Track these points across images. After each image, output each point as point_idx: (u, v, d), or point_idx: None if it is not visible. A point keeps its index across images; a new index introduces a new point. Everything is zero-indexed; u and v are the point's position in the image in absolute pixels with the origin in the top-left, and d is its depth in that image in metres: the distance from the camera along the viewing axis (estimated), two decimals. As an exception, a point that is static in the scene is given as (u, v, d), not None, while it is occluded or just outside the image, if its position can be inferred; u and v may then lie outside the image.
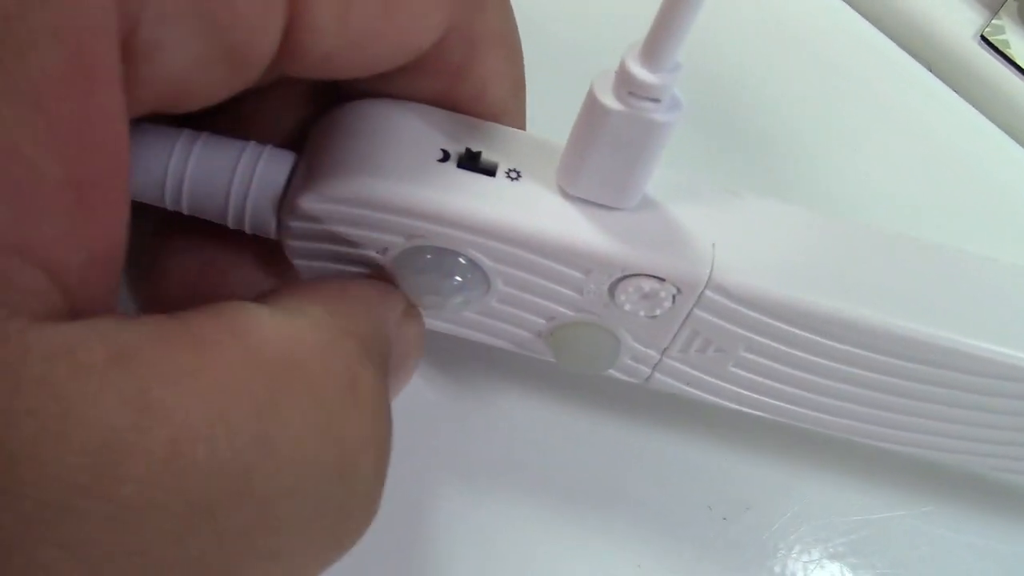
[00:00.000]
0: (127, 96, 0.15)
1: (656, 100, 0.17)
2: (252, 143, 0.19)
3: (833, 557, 0.26)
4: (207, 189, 0.19)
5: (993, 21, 0.36)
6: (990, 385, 0.21)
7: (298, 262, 0.20)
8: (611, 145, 0.18)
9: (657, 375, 0.22)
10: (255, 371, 0.14)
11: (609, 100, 0.17)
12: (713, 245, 0.19)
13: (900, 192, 0.33)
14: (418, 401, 0.25)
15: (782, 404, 0.22)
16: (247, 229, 0.20)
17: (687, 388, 0.22)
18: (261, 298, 0.16)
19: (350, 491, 0.16)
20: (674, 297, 0.19)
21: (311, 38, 0.17)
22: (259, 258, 0.22)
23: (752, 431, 0.27)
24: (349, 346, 0.16)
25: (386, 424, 0.17)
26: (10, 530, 0.12)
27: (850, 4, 0.37)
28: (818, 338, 0.20)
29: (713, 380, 0.22)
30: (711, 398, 0.22)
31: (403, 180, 0.19)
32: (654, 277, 0.19)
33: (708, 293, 0.19)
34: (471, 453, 0.25)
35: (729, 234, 0.20)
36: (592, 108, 0.17)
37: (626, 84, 0.17)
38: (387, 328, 0.19)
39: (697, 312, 0.20)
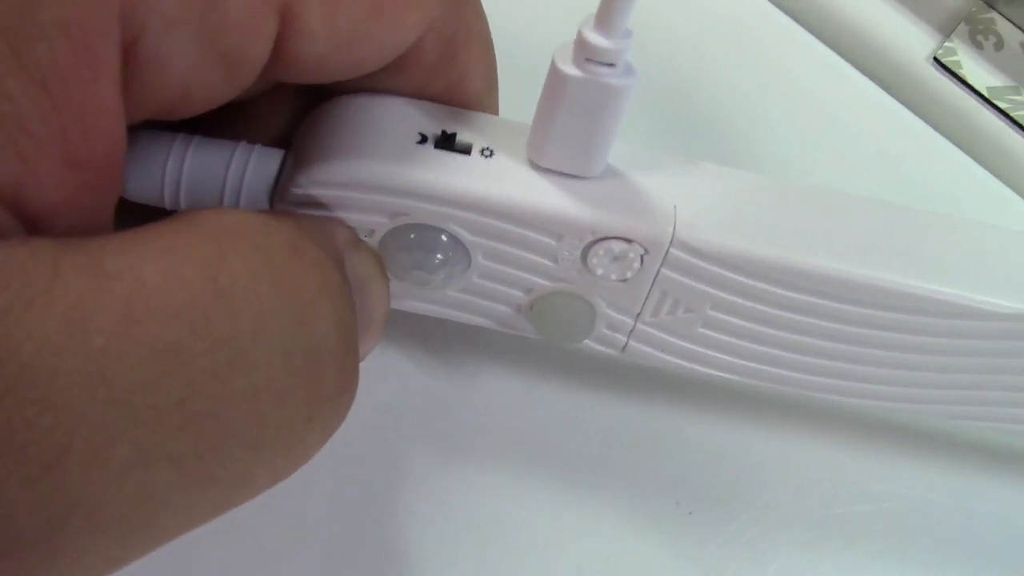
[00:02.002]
0: (132, 100, 0.16)
1: (612, 64, 0.18)
2: (243, 143, 0.20)
3: (799, 547, 0.26)
4: (203, 187, 0.20)
5: (945, 44, 0.37)
6: (948, 327, 0.22)
7: None
8: (573, 112, 0.19)
9: (632, 343, 0.23)
10: (202, 237, 0.15)
11: (569, 68, 0.18)
12: (675, 207, 0.20)
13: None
14: (412, 384, 0.26)
15: (752, 364, 0.23)
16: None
17: (661, 355, 0.23)
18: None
19: (316, 343, 0.16)
20: (642, 258, 0.20)
21: (301, 42, 0.18)
22: None
23: (717, 425, 0.27)
24: (288, 225, 0.17)
25: (340, 293, 0.17)
26: None
27: (809, 30, 0.38)
28: (778, 289, 0.21)
29: (685, 344, 0.22)
30: (685, 364, 0.23)
31: (385, 161, 0.20)
32: (622, 239, 0.20)
33: (673, 251, 0.20)
34: (455, 432, 0.26)
35: (689, 196, 0.21)
36: (554, 78, 0.18)
37: (583, 51, 0.18)
38: (333, 238, 0.19)
39: (664, 272, 0.21)
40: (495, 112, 0.23)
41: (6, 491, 0.13)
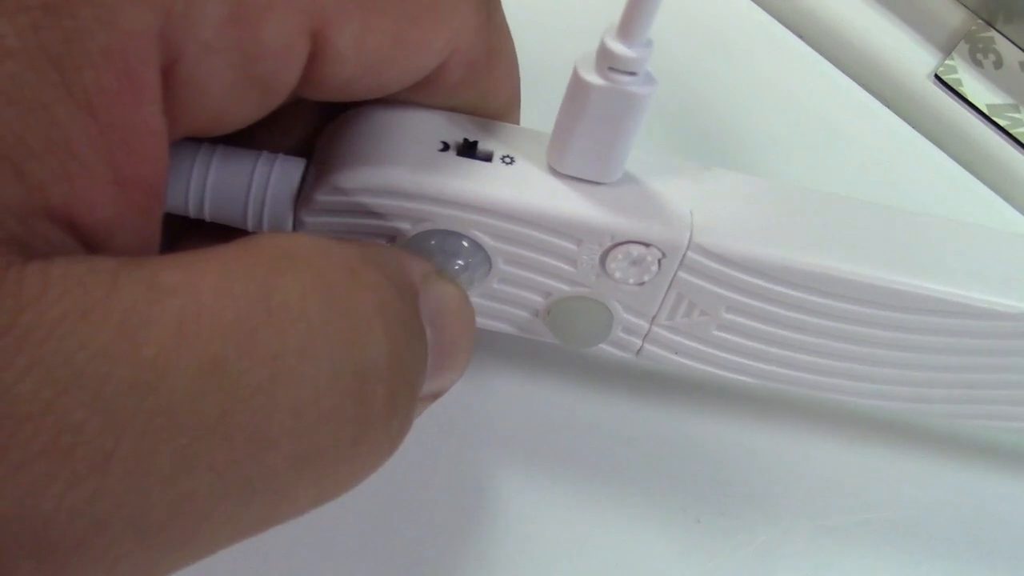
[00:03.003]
0: (170, 120, 0.16)
1: (633, 73, 0.18)
2: (265, 152, 0.20)
3: (806, 555, 0.26)
4: (227, 195, 0.20)
5: (946, 61, 0.37)
6: (964, 327, 0.22)
7: None
8: (595, 120, 0.19)
9: (647, 346, 0.23)
10: (258, 257, 0.15)
11: (592, 77, 0.18)
12: (691, 212, 0.20)
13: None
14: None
15: (766, 366, 0.23)
16: (265, 231, 0.21)
17: (675, 357, 0.23)
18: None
19: (365, 366, 0.16)
20: (659, 261, 0.20)
21: (332, 66, 0.18)
22: None
23: (726, 430, 0.27)
24: (349, 249, 0.17)
25: (398, 320, 0.17)
26: (48, 396, 0.13)
27: (813, 47, 0.38)
28: (793, 292, 0.21)
29: (699, 346, 0.22)
30: (699, 366, 0.23)
31: (408, 167, 0.20)
32: (640, 243, 0.20)
33: (690, 255, 0.20)
34: (466, 435, 0.26)
35: (705, 201, 0.21)
36: (576, 86, 0.19)
37: (606, 60, 0.18)
38: (405, 268, 0.19)
39: (681, 275, 0.21)
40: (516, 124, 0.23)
41: (51, 490, 0.13)
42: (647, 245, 0.20)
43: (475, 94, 0.21)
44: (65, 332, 0.13)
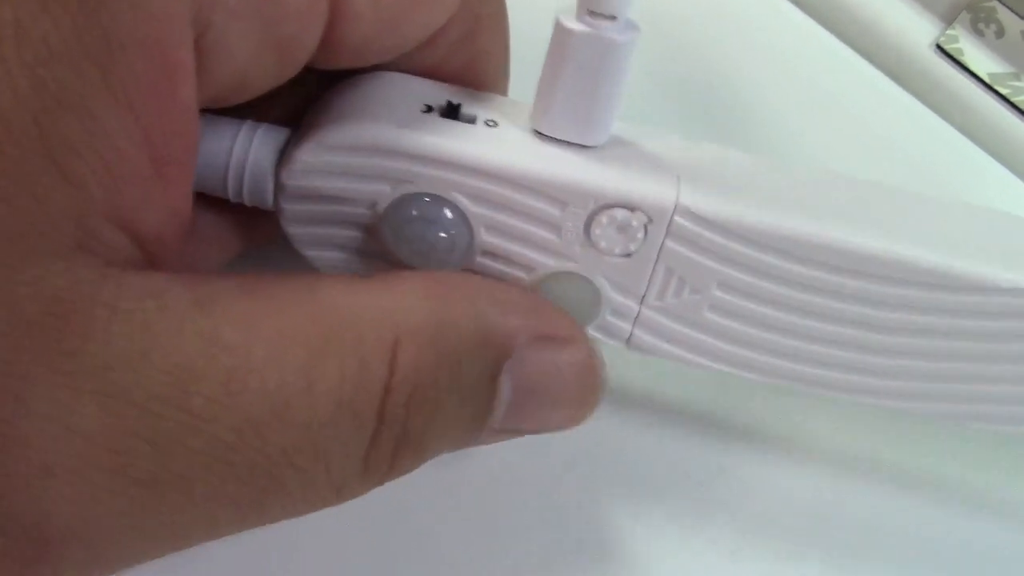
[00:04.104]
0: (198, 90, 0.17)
1: (613, 17, 0.18)
2: (249, 120, 0.20)
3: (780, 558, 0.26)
4: (208, 160, 0.20)
5: (947, 31, 0.37)
6: (956, 304, 0.21)
7: (292, 231, 0.21)
8: (575, 71, 0.18)
9: (637, 332, 0.22)
10: (312, 326, 0.17)
11: (572, 23, 0.18)
12: (678, 177, 0.20)
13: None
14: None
15: (761, 357, 0.22)
16: (245, 198, 0.20)
17: (667, 346, 0.22)
18: (351, 277, 0.18)
19: (372, 445, 0.18)
20: (646, 227, 0.20)
21: (349, 26, 0.18)
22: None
23: (692, 433, 0.26)
24: (401, 318, 0.18)
25: (418, 399, 0.18)
26: (107, 421, 0.15)
27: (815, 18, 0.38)
28: (785, 263, 0.20)
29: (692, 332, 0.21)
30: (692, 357, 0.22)
31: (391, 126, 0.19)
32: (626, 207, 0.19)
33: (677, 219, 0.20)
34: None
35: (693, 168, 0.20)
36: (557, 36, 0.18)
37: (586, 3, 0.18)
38: (498, 328, 0.19)
39: (669, 244, 0.20)
40: (504, 93, 0.23)
41: (101, 493, 0.15)
42: (632, 209, 0.19)
43: (470, 55, 0.21)
44: (127, 368, 0.15)
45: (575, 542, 0.24)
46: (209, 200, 0.21)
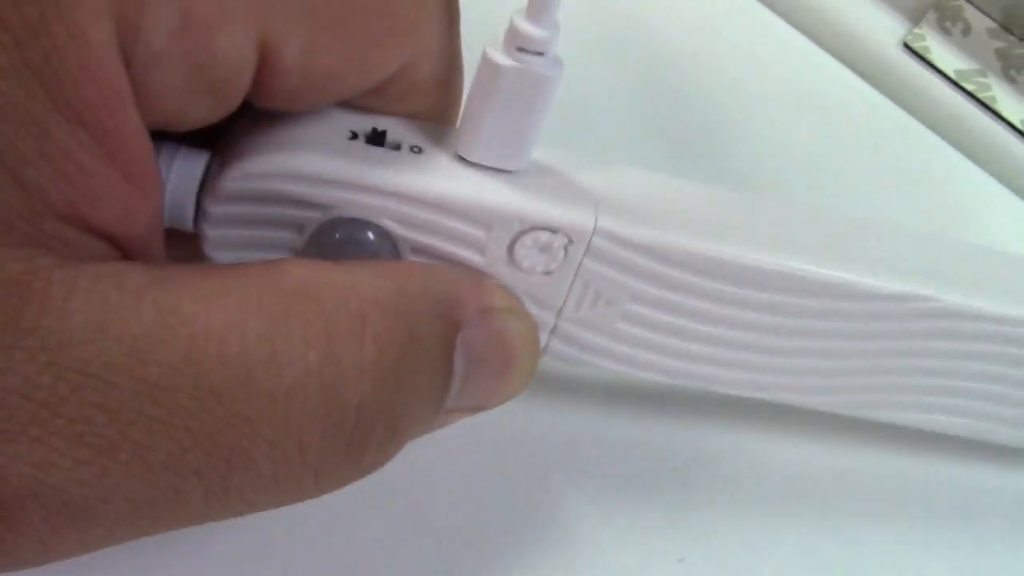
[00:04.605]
0: None
1: (541, 54, 0.18)
2: (168, 142, 0.20)
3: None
4: None
5: (915, 30, 0.37)
6: (868, 310, 0.22)
7: (214, 255, 0.21)
8: (502, 102, 0.19)
9: (553, 343, 0.22)
10: (274, 296, 0.17)
11: (500, 58, 0.18)
12: (596, 200, 0.20)
13: (831, 182, 0.34)
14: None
15: (674, 362, 0.23)
16: (164, 221, 0.20)
17: (582, 355, 0.22)
18: (313, 260, 0.18)
19: (349, 411, 0.17)
20: (566, 248, 0.20)
21: (278, 79, 0.18)
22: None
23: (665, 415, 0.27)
24: (373, 290, 0.18)
25: (394, 372, 0.18)
26: (63, 391, 0.15)
27: (785, 18, 0.38)
28: (694, 278, 0.21)
29: (604, 341, 0.22)
30: (605, 363, 0.23)
31: (316, 153, 0.19)
32: (547, 229, 0.20)
33: (595, 240, 0.20)
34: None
35: (611, 190, 0.21)
36: (485, 69, 0.19)
37: (515, 40, 0.18)
38: (449, 304, 0.19)
39: (587, 262, 0.21)
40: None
41: (62, 463, 0.15)
42: (554, 231, 0.20)
43: (423, 105, 0.21)
44: (83, 340, 0.15)
45: (539, 531, 0.25)
46: None
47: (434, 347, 0.19)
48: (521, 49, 0.18)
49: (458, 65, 0.21)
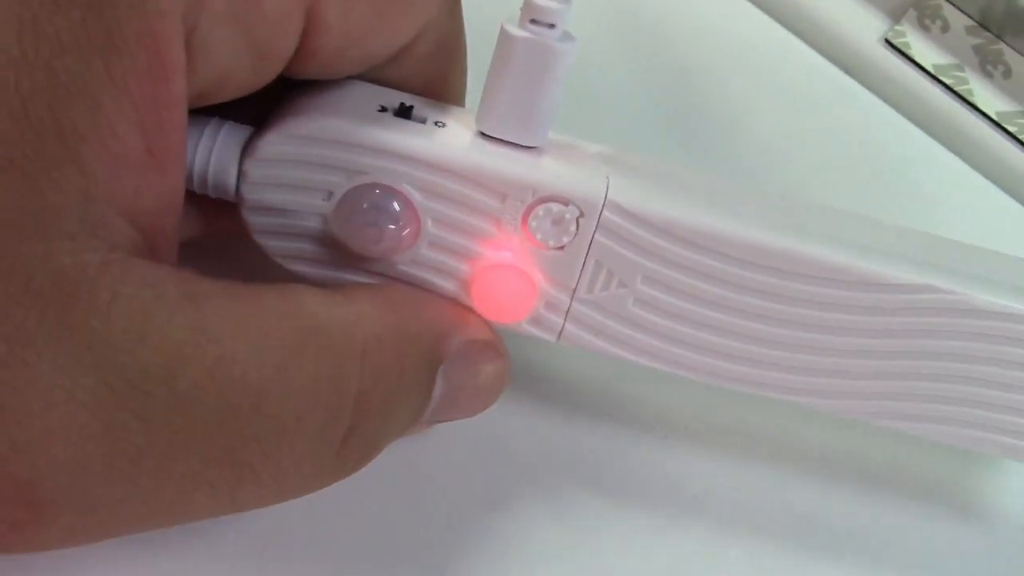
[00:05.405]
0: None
1: (552, 26, 0.19)
2: (216, 116, 0.21)
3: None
4: None
5: (895, 27, 0.39)
6: (871, 302, 0.22)
7: (251, 219, 0.22)
8: (517, 73, 0.20)
9: (568, 327, 0.23)
10: (291, 327, 0.18)
11: (515, 30, 0.20)
12: (608, 176, 0.21)
13: (814, 171, 0.35)
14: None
15: (686, 353, 0.23)
16: (210, 189, 0.21)
17: (595, 340, 0.23)
18: (321, 289, 0.20)
19: (341, 434, 0.19)
20: (578, 221, 0.21)
21: (321, 38, 0.19)
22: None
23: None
24: (369, 328, 0.19)
25: (385, 405, 0.20)
26: (103, 395, 0.16)
27: (773, 17, 0.39)
28: (706, 259, 0.21)
29: (618, 326, 0.22)
30: (620, 352, 0.23)
31: (348, 120, 0.21)
32: (560, 201, 0.21)
33: (606, 214, 0.21)
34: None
35: (622, 169, 0.22)
36: (501, 42, 0.20)
37: (528, 12, 0.19)
38: (439, 335, 0.21)
39: (598, 238, 0.21)
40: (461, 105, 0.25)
41: (93, 463, 0.16)
42: (566, 203, 0.21)
43: (433, 73, 0.23)
44: (124, 347, 0.16)
45: (496, 531, 0.26)
46: None
47: (420, 377, 0.21)
48: (534, 21, 0.19)
49: (461, 37, 0.23)
